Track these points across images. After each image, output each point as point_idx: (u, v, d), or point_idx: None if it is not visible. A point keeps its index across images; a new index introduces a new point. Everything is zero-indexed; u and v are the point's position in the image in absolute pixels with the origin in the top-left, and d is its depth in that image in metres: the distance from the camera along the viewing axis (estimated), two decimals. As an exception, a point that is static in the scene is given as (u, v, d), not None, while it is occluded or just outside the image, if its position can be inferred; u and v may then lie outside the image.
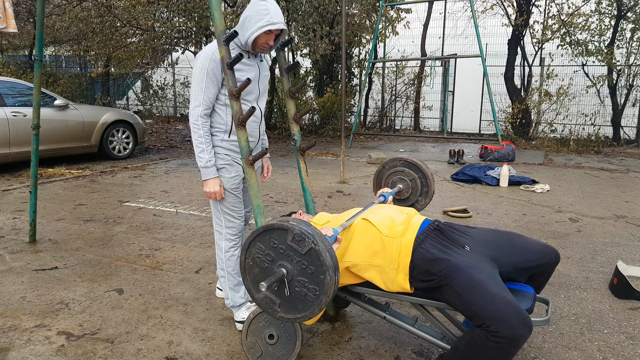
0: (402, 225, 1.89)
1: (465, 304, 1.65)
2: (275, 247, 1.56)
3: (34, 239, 3.72)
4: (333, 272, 1.46)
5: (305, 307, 1.52)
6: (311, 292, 1.50)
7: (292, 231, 1.50)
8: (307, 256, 1.49)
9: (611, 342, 2.27)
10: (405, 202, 2.57)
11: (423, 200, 2.55)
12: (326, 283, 1.46)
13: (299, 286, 1.53)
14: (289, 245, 1.52)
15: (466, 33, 11.41)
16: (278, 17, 2.11)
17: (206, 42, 10.52)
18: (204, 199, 5.11)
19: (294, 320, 1.56)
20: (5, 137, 6.12)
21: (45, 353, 2.18)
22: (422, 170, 2.52)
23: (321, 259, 1.46)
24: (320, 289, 1.48)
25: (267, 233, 1.56)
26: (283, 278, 1.54)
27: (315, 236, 1.48)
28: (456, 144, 10.23)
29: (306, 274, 1.50)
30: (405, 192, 2.56)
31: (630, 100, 9.99)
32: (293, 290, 1.54)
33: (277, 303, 1.58)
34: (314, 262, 1.48)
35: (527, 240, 1.92)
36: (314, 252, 1.47)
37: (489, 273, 1.71)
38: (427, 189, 2.53)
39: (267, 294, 1.60)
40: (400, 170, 2.57)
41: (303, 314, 1.53)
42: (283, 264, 1.54)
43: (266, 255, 1.58)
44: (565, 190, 5.58)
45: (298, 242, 1.50)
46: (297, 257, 1.52)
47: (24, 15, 12.03)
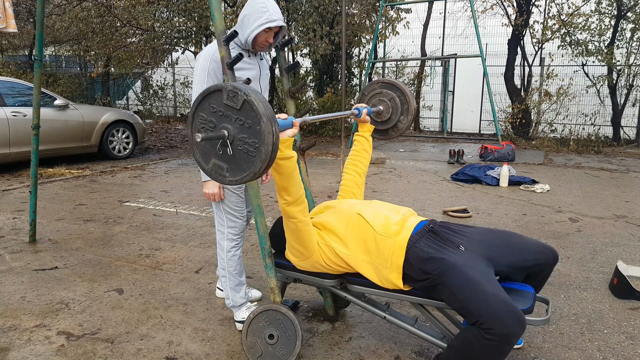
0: (396, 225, 1.89)
1: (459, 302, 1.66)
2: (215, 112, 1.57)
3: (34, 239, 3.72)
4: (268, 120, 1.48)
5: (250, 164, 1.54)
6: (252, 146, 1.52)
7: (225, 88, 1.53)
8: (242, 111, 1.51)
9: (611, 342, 2.27)
10: (387, 123, 2.51)
11: (405, 119, 2.49)
12: (262, 132, 1.47)
13: (240, 144, 1.54)
14: (225, 104, 1.54)
15: (466, 33, 11.41)
16: (277, 15, 2.12)
17: (206, 42, 10.52)
18: (203, 198, 5.11)
19: (242, 180, 1.57)
20: (5, 137, 6.12)
21: (45, 353, 2.18)
22: (400, 88, 2.47)
23: (254, 108, 1.48)
24: (258, 139, 1.49)
25: (206, 99, 1.58)
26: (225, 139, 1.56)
27: (248, 89, 1.51)
28: (456, 144, 10.23)
29: (244, 129, 1.52)
30: (386, 112, 2.49)
31: (630, 100, 9.99)
32: (236, 150, 1.56)
33: (224, 168, 1.60)
34: (249, 115, 1.50)
35: (524, 239, 1.92)
36: (248, 104, 1.49)
37: (482, 272, 1.71)
38: (408, 106, 2.47)
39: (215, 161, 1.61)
40: (379, 92, 2.51)
41: (248, 170, 1.54)
42: (224, 126, 1.56)
43: (209, 122, 1.59)
44: (565, 190, 5.58)
45: (232, 98, 1.52)
46: (234, 115, 1.53)
47: (24, 15, 12.03)
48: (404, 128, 2.50)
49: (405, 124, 2.49)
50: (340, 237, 1.95)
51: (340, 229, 1.95)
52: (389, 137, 2.56)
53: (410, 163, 7.67)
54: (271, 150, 1.49)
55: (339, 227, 1.96)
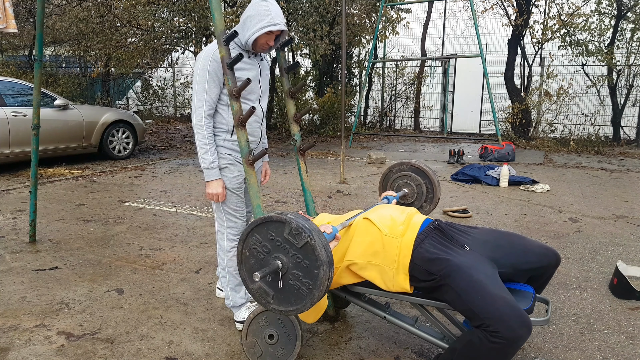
0: (402, 225, 1.89)
1: (464, 304, 1.65)
2: (272, 239, 1.57)
3: (34, 239, 3.72)
4: (327, 268, 1.47)
5: (298, 301, 1.54)
6: (304, 285, 1.51)
7: (289, 224, 1.52)
8: (302, 250, 1.51)
9: (611, 342, 2.27)
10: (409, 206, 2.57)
11: (427, 207, 2.55)
12: (319, 278, 1.47)
13: (292, 279, 1.54)
14: (285, 238, 1.53)
15: (466, 33, 11.41)
16: (279, 18, 2.12)
17: (206, 42, 10.51)
18: (204, 199, 5.11)
19: (286, 312, 1.58)
20: (5, 137, 6.12)
21: (45, 353, 2.18)
22: (429, 176, 2.53)
23: (316, 253, 1.47)
24: (313, 283, 1.49)
25: (265, 225, 1.58)
26: (278, 270, 1.55)
27: (312, 231, 1.49)
28: (456, 144, 10.23)
29: (301, 267, 1.52)
30: (410, 197, 2.56)
31: (630, 100, 9.99)
32: (287, 283, 1.55)
33: (270, 295, 1.60)
34: (309, 257, 1.49)
35: (527, 241, 1.92)
36: (310, 247, 1.49)
37: (488, 273, 1.71)
38: (432, 196, 2.53)
39: (261, 285, 1.61)
40: (407, 174, 2.57)
41: (295, 307, 1.55)
42: (279, 256, 1.56)
43: (263, 246, 1.59)
44: (565, 190, 5.58)
45: (295, 235, 1.51)
46: (292, 251, 1.53)
47: (24, 15, 12.03)
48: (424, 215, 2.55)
49: (426, 211, 2.58)
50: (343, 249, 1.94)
51: (344, 241, 1.95)
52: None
53: (410, 163, 7.66)
54: (323, 294, 1.50)
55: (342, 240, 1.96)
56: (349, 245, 1.93)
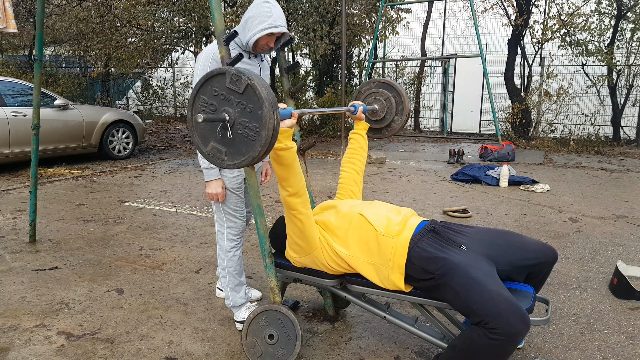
0: (398, 226, 1.89)
1: (463, 302, 1.66)
2: (217, 95, 1.58)
3: (34, 239, 3.72)
4: (270, 105, 1.48)
5: (249, 148, 1.55)
6: (252, 130, 1.52)
7: (229, 72, 1.53)
8: (245, 95, 1.52)
9: (611, 342, 2.27)
10: (382, 122, 2.53)
11: (399, 119, 2.52)
12: (264, 116, 1.48)
13: (241, 128, 1.55)
14: (228, 88, 1.55)
15: (466, 33, 11.41)
16: (281, 20, 2.12)
17: (206, 42, 10.52)
18: (204, 199, 5.11)
19: (240, 164, 1.58)
20: (5, 137, 6.12)
21: (45, 353, 2.18)
22: (396, 88, 2.50)
23: (257, 93, 1.49)
24: (259, 124, 1.50)
25: (208, 82, 1.59)
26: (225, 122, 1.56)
27: (252, 74, 1.51)
28: (456, 144, 10.23)
29: (246, 113, 1.53)
30: (381, 111, 2.52)
31: (630, 100, 9.99)
32: (236, 134, 1.56)
33: (223, 151, 1.60)
34: (251, 99, 1.51)
35: (524, 239, 1.92)
36: (251, 88, 1.50)
37: (486, 271, 1.71)
38: (402, 107, 2.50)
39: (213, 145, 1.61)
40: (375, 91, 2.55)
41: (247, 154, 1.55)
42: (225, 110, 1.57)
43: (210, 105, 1.60)
44: (565, 190, 5.58)
45: (235, 82, 1.52)
46: (236, 99, 1.54)
47: (24, 15, 12.03)
48: (397, 128, 2.53)
49: (399, 124, 2.53)
50: (341, 238, 1.95)
51: (342, 229, 1.95)
52: (383, 136, 2.60)
53: (410, 163, 7.67)
54: (271, 135, 1.50)
55: (340, 227, 1.96)
56: (346, 237, 1.93)
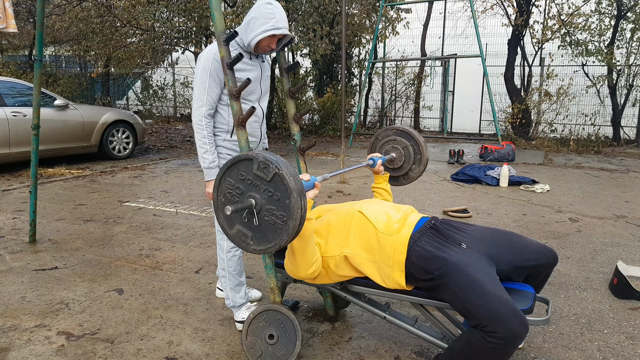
0: (398, 223, 1.89)
1: (462, 303, 1.65)
2: (243, 179, 1.58)
3: (34, 239, 3.72)
4: (298, 195, 1.48)
5: (275, 236, 1.55)
6: (279, 218, 1.52)
7: (256, 159, 1.53)
8: (272, 183, 1.52)
9: (611, 342, 2.27)
10: (399, 170, 2.54)
11: (417, 168, 2.52)
12: (292, 207, 1.48)
13: (267, 215, 1.55)
14: (255, 174, 1.55)
15: (466, 33, 11.41)
16: (283, 22, 2.11)
17: (206, 42, 10.52)
18: (204, 199, 5.11)
19: (266, 250, 1.58)
20: (5, 137, 6.12)
21: (45, 353, 2.18)
22: (414, 137, 2.50)
23: (285, 182, 1.49)
24: (287, 213, 1.50)
25: (235, 166, 1.59)
26: (252, 208, 1.56)
27: (279, 162, 1.51)
28: (456, 144, 10.23)
29: (273, 201, 1.53)
30: (399, 160, 2.53)
31: (630, 100, 9.99)
32: (262, 220, 1.56)
33: (249, 236, 1.60)
34: (279, 188, 1.51)
35: (525, 240, 1.92)
36: (279, 177, 1.50)
37: (485, 271, 1.71)
38: (421, 157, 2.50)
39: (239, 228, 1.62)
40: (393, 139, 2.55)
41: (274, 242, 1.55)
42: (252, 195, 1.57)
43: (236, 189, 1.60)
44: (565, 190, 5.58)
45: (263, 169, 1.53)
46: (263, 186, 1.54)
47: (24, 15, 12.03)
48: (415, 177, 2.54)
49: (416, 173, 2.53)
50: (342, 238, 1.94)
51: (344, 229, 1.95)
52: (399, 184, 2.59)
53: (410, 163, 7.66)
54: (298, 224, 1.50)
55: (342, 227, 1.95)
56: (347, 236, 1.93)
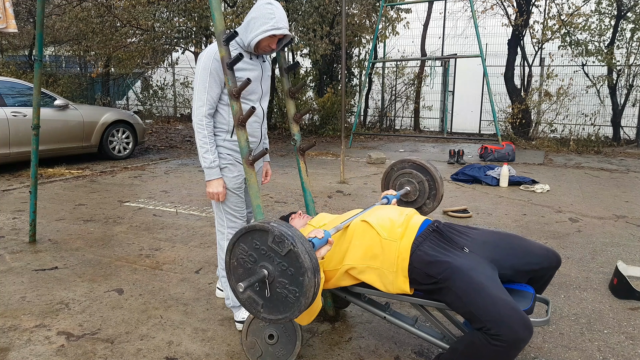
0: (401, 228, 1.88)
1: (465, 306, 1.65)
2: (258, 248, 1.57)
3: (34, 239, 3.72)
4: (312, 274, 1.47)
5: (287, 309, 1.54)
6: (291, 293, 1.51)
7: (272, 232, 1.52)
8: (287, 257, 1.51)
9: (611, 342, 2.27)
10: (413, 204, 2.53)
11: (431, 204, 2.51)
12: (305, 285, 1.47)
13: (280, 287, 1.54)
14: (269, 246, 1.54)
15: (466, 33, 11.41)
16: (283, 22, 2.11)
17: (206, 42, 10.52)
18: (204, 199, 5.11)
19: (276, 321, 1.58)
20: (5, 137, 6.12)
21: (45, 353, 2.18)
22: (431, 173, 2.48)
23: (300, 260, 1.47)
24: (299, 290, 1.49)
25: (250, 234, 1.58)
26: (264, 279, 1.55)
27: (295, 238, 1.49)
28: (456, 144, 10.23)
29: (286, 275, 1.52)
30: (413, 194, 2.52)
31: (630, 100, 9.99)
32: (274, 292, 1.55)
33: (259, 304, 1.60)
34: (293, 264, 1.50)
35: (528, 242, 1.91)
36: (293, 254, 1.49)
37: (488, 275, 1.70)
38: (435, 192, 2.48)
39: (250, 294, 1.61)
40: (409, 172, 2.53)
41: (284, 315, 1.55)
42: (265, 265, 1.56)
43: (249, 255, 1.59)
44: (565, 190, 5.58)
45: (278, 243, 1.51)
46: (277, 259, 1.53)
47: (24, 15, 12.03)
48: (428, 212, 2.53)
49: (430, 208, 2.52)
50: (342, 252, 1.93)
51: (343, 244, 1.94)
52: None
53: (410, 163, 7.66)
54: (310, 301, 1.50)
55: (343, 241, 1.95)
56: (347, 249, 1.91)
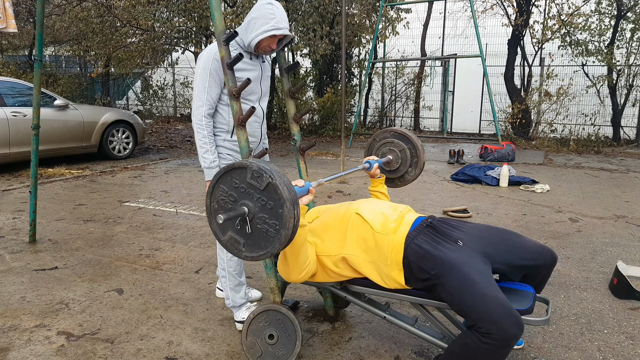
0: (394, 223, 1.89)
1: (457, 304, 1.66)
2: (237, 187, 1.59)
3: (34, 239, 3.72)
4: (291, 205, 1.50)
5: (268, 244, 1.56)
6: (272, 227, 1.54)
7: (250, 168, 1.54)
8: (265, 192, 1.53)
9: (611, 342, 2.27)
10: (395, 172, 2.53)
11: (413, 171, 2.51)
12: (285, 215, 1.49)
13: (260, 223, 1.56)
14: (248, 182, 1.56)
15: (466, 33, 11.41)
16: (283, 22, 2.11)
17: (206, 42, 10.52)
18: (204, 198, 5.11)
19: (258, 257, 1.59)
20: (5, 137, 6.12)
21: (45, 353, 2.18)
22: (412, 141, 2.50)
23: (278, 192, 1.50)
24: (279, 222, 1.51)
25: (229, 174, 1.60)
26: (245, 216, 1.58)
27: (273, 171, 1.53)
28: (456, 144, 10.23)
29: (266, 209, 1.54)
30: (395, 162, 2.52)
31: (630, 100, 9.99)
32: (255, 228, 1.58)
33: (241, 243, 1.62)
34: (272, 197, 1.52)
35: (523, 239, 1.91)
36: (272, 187, 1.51)
37: (481, 270, 1.70)
38: (417, 160, 2.49)
39: (231, 235, 1.63)
40: (390, 141, 2.54)
41: (266, 250, 1.57)
42: (245, 203, 1.58)
43: (229, 196, 1.61)
44: (565, 190, 5.58)
45: (256, 178, 1.54)
46: (256, 194, 1.55)
47: (24, 15, 12.03)
48: (410, 180, 2.53)
49: (412, 176, 2.52)
50: (339, 239, 1.94)
51: (341, 230, 1.95)
52: (394, 186, 2.59)
53: (410, 163, 7.66)
54: (291, 233, 1.51)
55: (339, 228, 1.95)
56: (344, 238, 1.93)
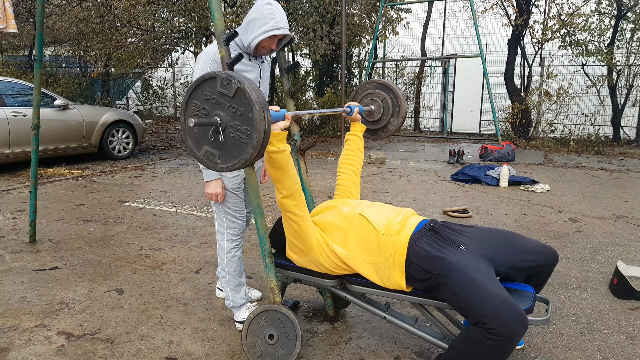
0: (398, 225, 1.90)
1: (461, 302, 1.67)
2: (208, 99, 1.61)
3: (34, 239, 3.72)
4: (260, 108, 1.51)
5: (241, 151, 1.57)
6: (244, 133, 1.55)
7: (219, 77, 1.56)
8: (235, 98, 1.55)
9: (611, 342, 2.27)
10: (378, 123, 2.55)
11: (395, 121, 2.53)
12: (255, 119, 1.51)
13: (232, 131, 1.58)
14: (219, 92, 1.58)
15: (466, 33, 11.42)
16: (283, 22, 2.11)
17: (206, 42, 10.51)
18: (204, 199, 5.11)
19: (233, 167, 1.61)
20: (5, 137, 6.12)
21: (45, 353, 2.18)
22: (393, 90, 2.51)
23: (247, 96, 1.52)
24: (251, 127, 1.53)
25: (199, 87, 1.62)
26: (217, 126, 1.59)
27: (242, 78, 1.54)
28: (456, 144, 10.23)
29: (237, 117, 1.56)
30: (377, 112, 2.53)
31: (630, 100, 9.99)
32: (228, 137, 1.59)
33: (216, 155, 1.63)
34: (242, 102, 1.54)
35: (525, 240, 1.92)
36: (241, 92, 1.53)
37: (484, 271, 1.72)
38: (399, 109, 2.51)
39: (207, 148, 1.64)
40: (372, 92, 2.56)
41: (240, 157, 1.58)
42: (217, 113, 1.60)
43: (202, 109, 1.63)
44: (565, 190, 5.58)
45: (226, 85, 1.55)
46: (227, 103, 1.57)
47: (24, 15, 12.02)
48: (393, 130, 2.54)
49: (395, 126, 2.53)
50: (340, 238, 1.95)
51: (342, 230, 1.96)
52: (378, 137, 2.61)
53: (410, 163, 7.67)
54: (263, 137, 1.53)
55: (340, 228, 1.96)
56: (346, 237, 1.94)
